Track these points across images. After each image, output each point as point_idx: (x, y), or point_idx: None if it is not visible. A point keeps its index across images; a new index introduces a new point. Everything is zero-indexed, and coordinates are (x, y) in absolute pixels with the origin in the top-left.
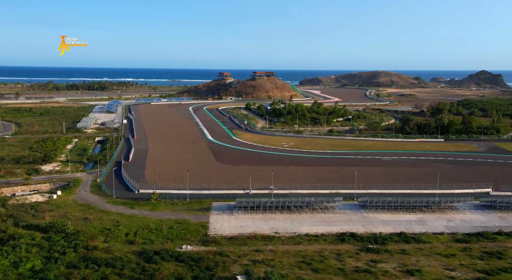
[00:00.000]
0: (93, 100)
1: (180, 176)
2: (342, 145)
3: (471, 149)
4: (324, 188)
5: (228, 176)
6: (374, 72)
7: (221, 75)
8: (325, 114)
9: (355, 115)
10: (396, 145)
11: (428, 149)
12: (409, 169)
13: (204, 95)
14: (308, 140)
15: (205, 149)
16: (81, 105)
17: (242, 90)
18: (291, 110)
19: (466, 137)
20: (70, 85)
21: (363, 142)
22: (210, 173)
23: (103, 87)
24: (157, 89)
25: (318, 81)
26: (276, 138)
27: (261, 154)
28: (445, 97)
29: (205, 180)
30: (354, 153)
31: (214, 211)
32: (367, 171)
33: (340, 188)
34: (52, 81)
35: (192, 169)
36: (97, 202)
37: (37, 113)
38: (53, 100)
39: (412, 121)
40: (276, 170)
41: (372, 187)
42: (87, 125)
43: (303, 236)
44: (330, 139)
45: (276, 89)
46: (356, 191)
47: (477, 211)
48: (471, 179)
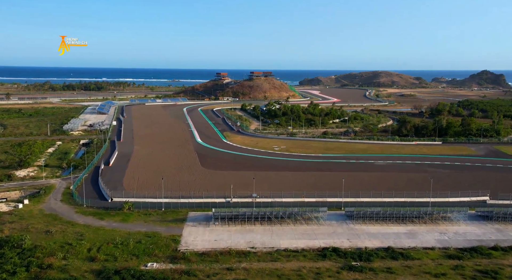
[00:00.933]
0: (87, 100)
1: (161, 182)
2: (335, 148)
3: (470, 153)
4: (311, 196)
5: (211, 182)
6: (375, 72)
7: (219, 76)
8: (321, 116)
9: (352, 116)
10: (391, 148)
11: (424, 152)
12: (403, 175)
13: (200, 95)
14: (301, 142)
15: (191, 153)
16: (73, 106)
17: (239, 91)
18: (287, 111)
19: (465, 140)
20: (66, 86)
21: (358, 144)
22: (193, 179)
23: (99, 87)
24: (155, 90)
25: (318, 81)
26: (268, 141)
27: (250, 158)
28: (445, 98)
29: (186, 187)
30: (347, 156)
31: (189, 222)
32: (358, 176)
33: (327, 195)
34: (49, 82)
35: (174, 174)
36: (65, 212)
37: (26, 115)
38: (46, 101)
39: (409, 123)
40: (263, 175)
41: (362, 194)
42: (74, 127)
43: (282, 251)
44: (324, 142)
45: (274, 89)
46: (344, 199)
47: (473, 222)
48: (468, 185)
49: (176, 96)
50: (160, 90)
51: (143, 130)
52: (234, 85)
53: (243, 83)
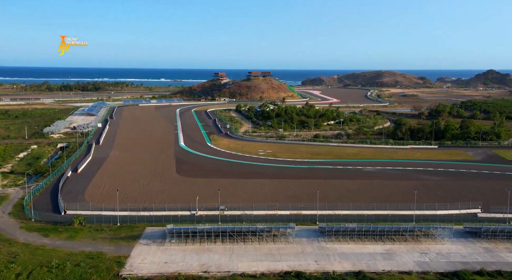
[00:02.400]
0: (80, 101)
1: (128, 192)
2: (324, 153)
3: (466, 158)
4: (285, 208)
5: (182, 192)
6: (378, 72)
7: (217, 76)
8: (316, 117)
9: (348, 118)
10: (384, 152)
11: (418, 157)
12: (390, 183)
13: (197, 96)
14: (289, 146)
15: (170, 158)
16: (65, 107)
17: (236, 91)
18: (281, 112)
19: (463, 144)
20: (63, 86)
21: (349, 148)
22: (163, 188)
23: (97, 88)
24: (153, 90)
25: (321, 81)
26: (254, 144)
27: (230, 164)
28: (449, 98)
29: (152, 197)
30: (334, 162)
31: (142, 240)
32: (341, 185)
33: (302, 208)
34: (47, 82)
35: (144, 182)
36: (8, 228)
37: (12, 116)
38: (38, 102)
39: (405, 126)
40: (239, 184)
41: (340, 206)
42: (55, 129)
43: (238, 277)
44: (313, 146)
45: (272, 89)
46: (319, 212)
47: (459, 240)
48: (459, 196)
49: (172, 96)
50: (159, 90)
51: (127, 133)
52: (231, 86)
53: (241, 83)
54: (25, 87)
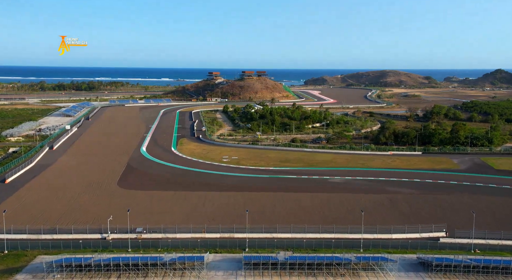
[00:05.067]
0: (68, 101)
1: (47, 208)
2: (293, 160)
3: (450, 166)
4: (214, 230)
5: (112, 208)
6: (383, 72)
7: (211, 75)
8: (300, 120)
9: (335, 120)
10: (360, 159)
11: (396, 165)
12: (354, 197)
13: (189, 96)
14: (259, 152)
15: (120, 165)
16: (46, 108)
17: (229, 91)
18: (265, 114)
19: (450, 150)
20: (57, 86)
21: (323, 155)
22: (91, 202)
23: (91, 87)
24: (148, 90)
25: (323, 81)
26: (223, 150)
27: (183, 173)
28: (452, 99)
29: (70, 215)
30: (301, 170)
31: (21, 275)
32: (295, 199)
33: (235, 230)
34: (43, 81)
35: (74, 196)
36: None
37: None
38: (22, 102)
39: (388, 130)
40: (182, 197)
41: (281, 228)
42: (16, 132)
43: None
44: (285, 151)
45: (266, 90)
46: (250, 235)
47: (408, 275)
48: (427, 213)
49: (163, 96)
50: (156, 90)
51: (91, 136)
52: (224, 86)
53: (234, 83)
54: (19, 86)
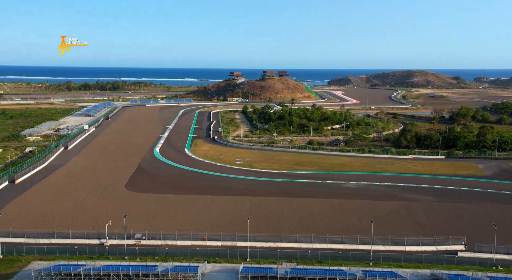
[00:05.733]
0: (91, 101)
1: (50, 210)
2: (307, 163)
3: (474, 172)
4: (216, 237)
5: (116, 211)
6: (409, 72)
7: (232, 75)
8: (319, 121)
9: (355, 121)
10: (377, 163)
11: (416, 170)
12: (368, 204)
13: (210, 96)
14: (272, 154)
15: (131, 167)
16: (69, 107)
17: (250, 91)
18: (284, 115)
19: (476, 154)
20: (83, 85)
21: (339, 158)
22: (96, 205)
23: (115, 87)
24: (171, 90)
25: (348, 81)
26: (236, 151)
27: (193, 176)
28: (482, 100)
29: (73, 218)
30: (314, 174)
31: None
32: (305, 205)
33: (238, 238)
34: (71, 81)
35: (79, 198)
36: None
37: (7, 116)
38: (47, 102)
39: (410, 132)
40: (188, 201)
41: (286, 237)
42: (34, 131)
43: None
44: (300, 154)
45: (287, 90)
46: (251, 244)
47: None
48: (446, 223)
49: (185, 96)
50: (179, 90)
51: (108, 136)
52: (245, 86)
53: (255, 83)
54: (47, 86)
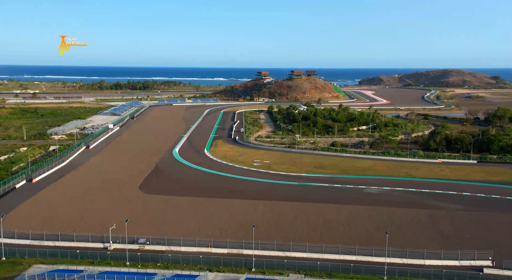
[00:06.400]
0: (120, 100)
1: (60, 211)
2: (329, 165)
3: (508, 178)
4: (222, 244)
5: (124, 214)
6: (444, 71)
7: (259, 75)
8: (345, 122)
9: (383, 122)
10: (403, 167)
11: (444, 175)
12: (388, 211)
13: (236, 95)
14: (293, 156)
15: (148, 167)
16: (99, 106)
17: (277, 91)
18: (309, 115)
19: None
20: (114, 85)
21: (362, 161)
22: (107, 207)
23: (146, 86)
24: (200, 89)
25: (379, 80)
26: (256, 153)
27: (209, 178)
28: None
29: (76, 220)
30: (335, 178)
31: None
32: (321, 211)
33: (245, 246)
34: (103, 81)
35: (91, 199)
36: None
37: (38, 115)
38: (79, 101)
39: (440, 135)
40: (199, 204)
41: (296, 246)
42: (60, 130)
43: None
44: (321, 156)
45: (315, 90)
46: (257, 252)
47: None
48: (473, 235)
49: (212, 96)
50: (207, 89)
51: (130, 136)
52: (272, 85)
53: (282, 83)
54: (80, 85)
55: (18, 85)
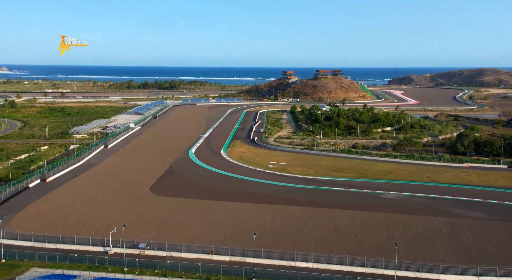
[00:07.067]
0: (145, 99)
1: (68, 213)
2: (346, 169)
3: None
4: (224, 251)
5: (130, 216)
6: (479, 70)
7: (285, 74)
8: (370, 123)
9: (409, 124)
10: (426, 171)
11: (470, 181)
12: (406, 218)
13: (261, 95)
14: (311, 158)
15: (162, 168)
16: (124, 105)
17: (301, 91)
18: (332, 115)
19: None
20: (142, 84)
21: (383, 164)
22: (113, 208)
23: (172, 86)
24: (225, 89)
25: (410, 80)
26: (273, 154)
27: (222, 179)
28: None
29: (82, 222)
30: (352, 182)
31: None
32: (332, 217)
33: (247, 253)
34: (132, 80)
35: (100, 200)
36: None
37: (66, 113)
38: (106, 100)
39: (468, 137)
40: (208, 207)
41: (301, 256)
42: (82, 129)
43: None
44: (340, 158)
45: (341, 89)
46: (258, 260)
47: None
48: (497, 248)
49: (237, 96)
50: (233, 89)
51: (149, 136)
52: (296, 85)
53: (307, 82)
54: (110, 85)
55: (51, 84)
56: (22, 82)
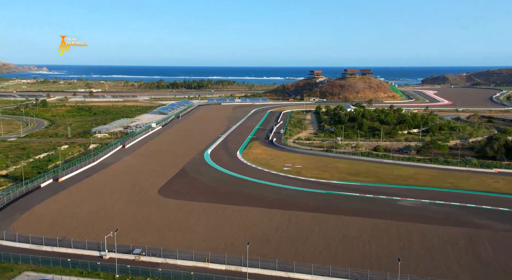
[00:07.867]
0: (171, 99)
1: (72, 214)
2: (364, 172)
3: None
4: (220, 259)
5: (134, 218)
6: None
7: (312, 74)
8: (396, 124)
9: (438, 125)
10: (449, 177)
11: (497, 188)
12: (421, 228)
13: (287, 95)
14: (329, 160)
15: (174, 169)
16: (150, 105)
17: (328, 91)
18: (356, 116)
19: None
20: (171, 84)
21: (404, 168)
22: (118, 210)
23: (200, 85)
24: (253, 88)
25: (444, 79)
26: (289, 156)
27: (233, 182)
28: None
29: (85, 224)
30: (368, 187)
31: None
32: (342, 226)
33: (244, 263)
34: (162, 80)
35: (106, 201)
36: None
37: (92, 113)
38: (133, 99)
39: (498, 141)
40: (213, 211)
41: (300, 267)
42: (104, 129)
43: None
44: (359, 161)
45: (369, 89)
46: (254, 271)
47: None
48: None
49: (263, 95)
50: (260, 89)
51: (169, 136)
52: (323, 85)
53: (334, 82)
54: (140, 84)
55: (84, 84)
56: (58, 82)
